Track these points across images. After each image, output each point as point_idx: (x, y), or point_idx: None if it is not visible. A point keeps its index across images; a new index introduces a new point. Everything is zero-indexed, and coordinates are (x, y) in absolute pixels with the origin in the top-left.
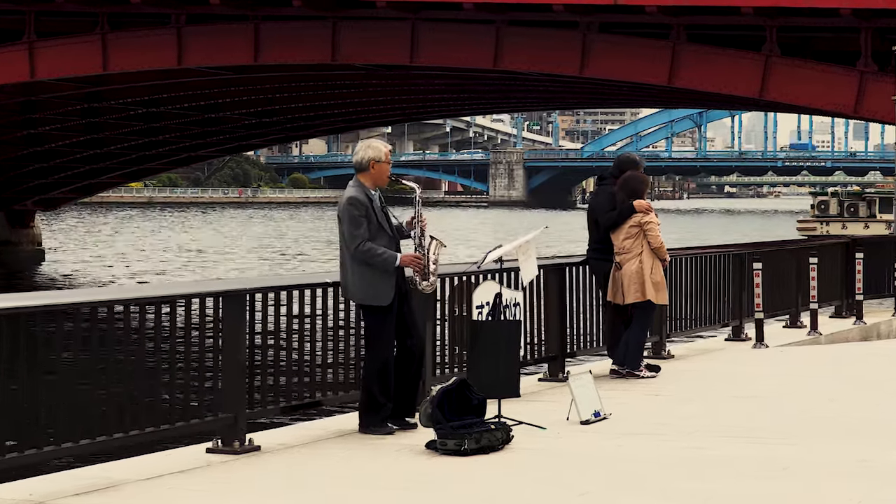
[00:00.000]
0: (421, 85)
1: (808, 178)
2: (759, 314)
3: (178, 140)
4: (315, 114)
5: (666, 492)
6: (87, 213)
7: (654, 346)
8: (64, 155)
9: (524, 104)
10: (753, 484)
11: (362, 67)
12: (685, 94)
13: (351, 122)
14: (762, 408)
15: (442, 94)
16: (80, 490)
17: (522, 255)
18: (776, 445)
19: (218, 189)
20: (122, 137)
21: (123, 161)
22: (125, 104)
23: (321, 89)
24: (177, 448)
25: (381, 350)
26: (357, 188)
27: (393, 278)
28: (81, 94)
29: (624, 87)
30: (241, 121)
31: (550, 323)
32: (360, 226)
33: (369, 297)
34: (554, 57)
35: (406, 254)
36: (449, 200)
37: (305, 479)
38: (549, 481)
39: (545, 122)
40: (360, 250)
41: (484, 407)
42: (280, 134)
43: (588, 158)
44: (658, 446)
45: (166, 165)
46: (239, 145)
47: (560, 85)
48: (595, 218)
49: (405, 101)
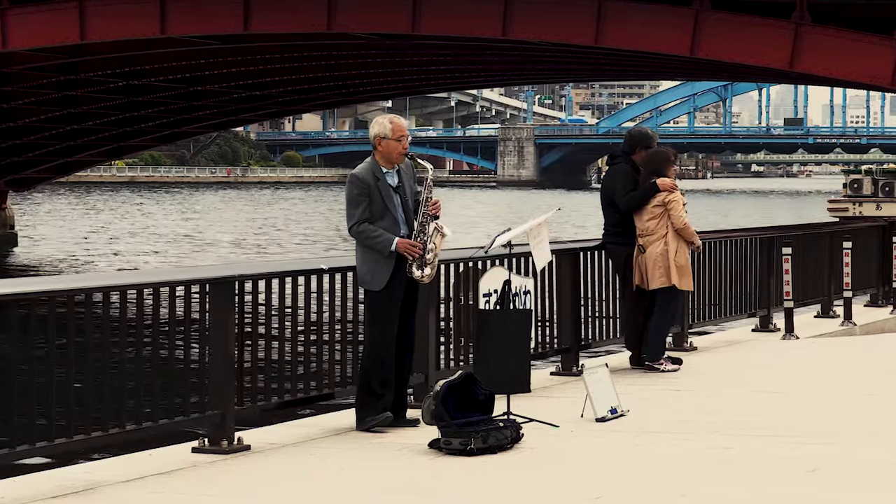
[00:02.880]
0: (424, 56)
1: (841, 156)
2: (788, 303)
3: (161, 115)
4: (309, 87)
5: (687, 496)
6: (64, 194)
7: (676, 337)
8: (38, 131)
9: (535, 76)
10: (781, 488)
11: (360, 36)
12: (709, 65)
13: (348, 96)
14: (791, 404)
15: (446, 66)
16: (56, 493)
17: (533, 239)
18: (806, 445)
19: (205, 168)
20: (101, 112)
21: (102, 137)
22: (104, 76)
23: (316, 60)
24: (160, 448)
25: (379, 338)
26: (366, 165)
27: (391, 263)
28: (57, 65)
29: (642, 58)
30: (230, 94)
31: (563, 312)
32: (358, 205)
33: (366, 281)
34: (567, 25)
35: (403, 239)
36: (454, 180)
37: (298, 481)
38: (562, 484)
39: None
40: (354, 230)
41: (491, 403)
42: (272, 108)
43: (604, 135)
44: (679, 446)
45: (149, 142)
46: (227, 120)
47: (574, 56)
48: (609, 199)
49: (406, 73)
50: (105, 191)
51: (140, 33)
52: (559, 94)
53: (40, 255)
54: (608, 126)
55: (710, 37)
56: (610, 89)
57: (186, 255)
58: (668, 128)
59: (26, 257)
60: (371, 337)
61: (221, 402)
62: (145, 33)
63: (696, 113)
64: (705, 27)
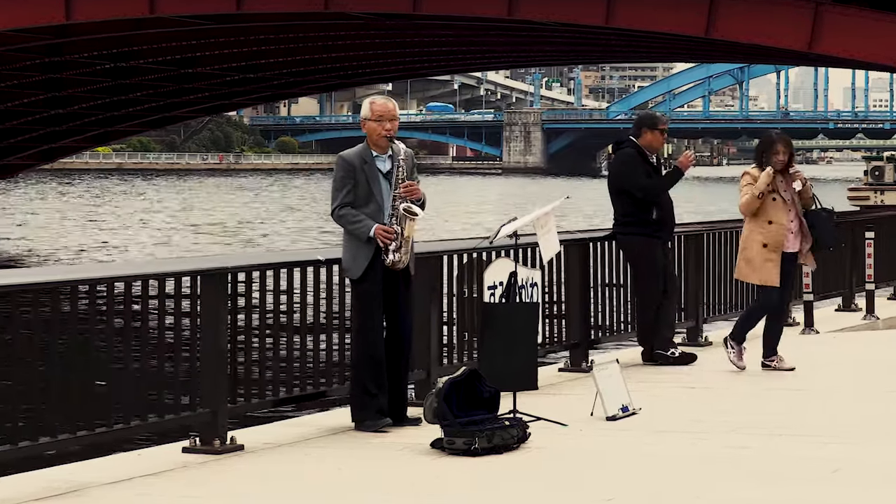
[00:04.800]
0: (425, 36)
1: (863, 142)
2: (807, 295)
3: (150, 99)
4: (306, 69)
5: (701, 498)
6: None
7: (690, 332)
8: (21, 116)
9: (542, 58)
10: (800, 489)
11: (359, 16)
12: (725, 46)
13: (346, 79)
14: (811, 402)
15: (449, 47)
16: (38, 495)
17: (541, 229)
18: (826, 444)
19: (196, 154)
20: (87, 96)
21: (89, 122)
22: (90, 58)
23: (312, 41)
24: (149, 447)
25: (365, 332)
26: (356, 148)
27: (370, 249)
28: (41, 46)
29: (655, 39)
30: (222, 77)
31: (572, 305)
32: (342, 188)
33: (347, 268)
34: (576, 5)
35: (380, 225)
36: (457, 167)
37: (294, 482)
38: (570, 485)
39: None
40: (335, 214)
41: (497, 401)
42: (266, 92)
43: (615, 120)
44: (694, 446)
45: (137, 127)
46: (219, 104)
47: (583, 36)
48: (618, 187)
49: (407, 55)
50: (91, 178)
51: (128, 13)
52: (567, 76)
53: (24, 246)
54: (619, 110)
55: (726, 16)
56: (621, 72)
57: (177, 246)
58: (682, 112)
59: (10, 247)
60: (355, 328)
61: (213, 400)
62: (134, 13)
63: (711, 96)
64: (721, 6)
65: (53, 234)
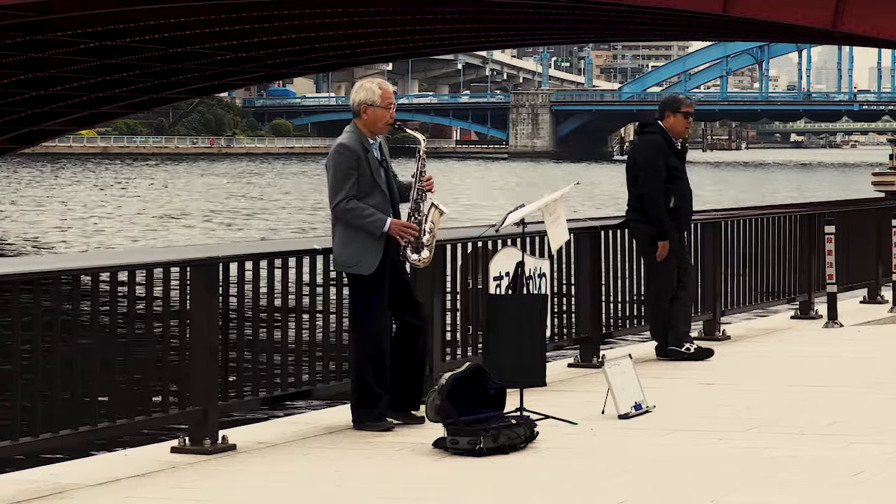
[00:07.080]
0: (427, 13)
1: (890, 125)
2: (831, 287)
3: (137, 79)
4: (301, 48)
5: (719, 502)
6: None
7: (707, 325)
8: (0, 97)
9: (551, 37)
10: (823, 493)
11: None
12: (743, 24)
13: (344, 58)
14: (835, 399)
15: (453, 25)
16: (20, 497)
17: (549, 217)
18: (851, 445)
19: (185, 138)
20: (71, 76)
21: (72, 104)
22: (74, 36)
23: (308, 18)
24: (136, 447)
25: (371, 329)
26: (351, 135)
27: (381, 244)
28: (22, 23)
29: (670, 16)
30: (214, 56)
31: (582, 297)
32: (348, 179)
33: (351, 264)
34: None
35: (397, 220)
36: (461, 151)
37: (289, 484)
38: (580, 487)
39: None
40: (341, 207)
41: (503, 398)
42: (260, 72)
43: (627, 101)
44: (710, 445)
45: (124, 109)
46: (210, 85)
47: (593, 14)
48: (634, 172)
49: (409, 33)
50: (75, 162)
51: None
52: (578, 56)
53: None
54: (632, 91)
55: None
56: (634, 51)
57: (166, 234)
58: (699, 93)
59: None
60: (359, 326)
61: (204, 397)
62: None
63: (729, 77)
64: None
65: (31, 220)
